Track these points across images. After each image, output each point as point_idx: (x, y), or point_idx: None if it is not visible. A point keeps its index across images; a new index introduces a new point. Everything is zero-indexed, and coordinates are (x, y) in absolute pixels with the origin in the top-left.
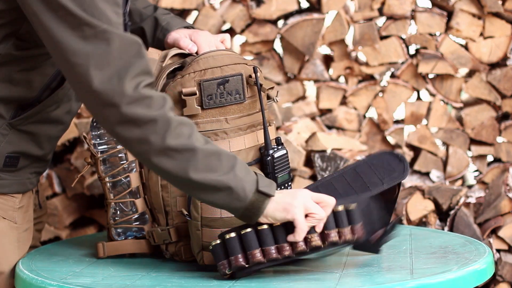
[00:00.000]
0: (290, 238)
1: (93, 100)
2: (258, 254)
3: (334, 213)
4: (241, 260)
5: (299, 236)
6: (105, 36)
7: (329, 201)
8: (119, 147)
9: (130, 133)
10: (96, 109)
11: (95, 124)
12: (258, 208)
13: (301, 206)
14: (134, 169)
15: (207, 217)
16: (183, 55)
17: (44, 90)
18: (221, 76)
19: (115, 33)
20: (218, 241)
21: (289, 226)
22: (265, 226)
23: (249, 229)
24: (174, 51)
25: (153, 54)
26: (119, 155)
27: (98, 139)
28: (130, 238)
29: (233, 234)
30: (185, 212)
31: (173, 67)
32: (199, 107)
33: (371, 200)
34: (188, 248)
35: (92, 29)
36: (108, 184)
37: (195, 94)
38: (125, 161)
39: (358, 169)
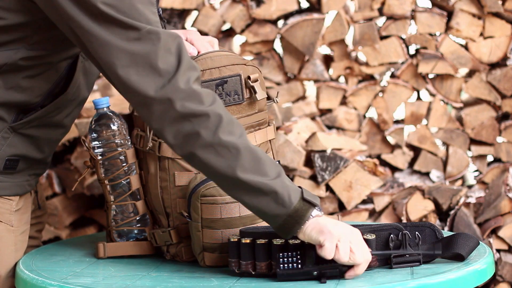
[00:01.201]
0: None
1: (143, 99)
2: (264, 267)
3: None
4: (249, 267)
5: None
6: (150, 37)
7: (366, 257)
8: (119, 149)
9: (182, 128)
10: (145, 107)
11: (93, 126)
12: (302, 217)
13: (336, 239)
14: (134, 171)
15: (207, 218)
16: None
17: (47, 96)
18: (220, 77)
19: (159, 32)
20: (236, 239)
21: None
22: (279, 242)
23: (262, 241)
24: None
25: None
26: (119, 158)
27: (97, 142)
28: (131, 240)
29: (248, 241)
30: (185, 214)
31: None
32: None
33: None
34: (189, 249)
35: (136, 32)
36: (109, 187)
37: None
38: (125, 164)
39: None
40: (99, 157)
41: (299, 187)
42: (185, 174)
